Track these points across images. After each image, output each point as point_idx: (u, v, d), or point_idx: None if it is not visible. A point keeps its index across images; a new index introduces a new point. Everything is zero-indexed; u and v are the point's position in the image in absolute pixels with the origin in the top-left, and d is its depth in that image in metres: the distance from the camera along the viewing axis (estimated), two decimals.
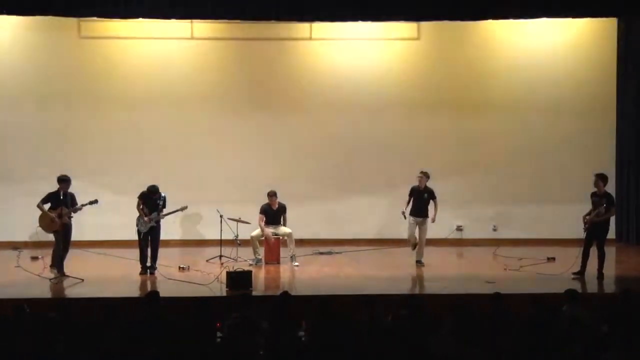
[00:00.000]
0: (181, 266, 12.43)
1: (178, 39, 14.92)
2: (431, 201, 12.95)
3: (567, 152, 15.24)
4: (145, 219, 12.06)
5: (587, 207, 11.90)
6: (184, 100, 14.98)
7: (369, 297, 9.04)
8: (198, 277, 11.60)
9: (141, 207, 12.17)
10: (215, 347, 7.31)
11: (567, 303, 8.94)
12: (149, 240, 12.10)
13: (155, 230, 12.19)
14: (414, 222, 12.95)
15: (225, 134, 15.10)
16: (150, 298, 8.85)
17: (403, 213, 12.91)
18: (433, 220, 12.94)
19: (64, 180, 11.73)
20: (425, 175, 12.94)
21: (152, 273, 12.02)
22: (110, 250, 13.55)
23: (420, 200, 12.94)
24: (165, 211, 12.28)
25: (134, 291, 11.18)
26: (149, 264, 12.13)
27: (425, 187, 12.97)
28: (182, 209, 12.67)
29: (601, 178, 11.87)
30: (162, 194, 12.25)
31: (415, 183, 12.99)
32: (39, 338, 7.46)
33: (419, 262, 12.93)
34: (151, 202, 12.16)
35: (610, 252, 13.03)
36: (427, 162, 14.36)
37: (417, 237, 12.95)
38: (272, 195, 13.20)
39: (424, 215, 12.97)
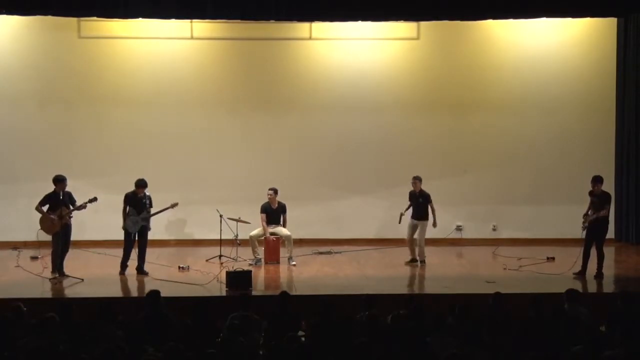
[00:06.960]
0: (181, 266, 12.43)
1: (178, 39, 14.89)
2: (428, 205, 13.02)
3: (567, 152, 15.22)
4: (137, 218, 12.04)
5: (587, 206, 11.98)
6: (184, 100, 14.95)
7: (369, 297, 9.05)
8: (198, 277, 11.60)
9: (127, 209, 12.10)
10: (215, 347, 7.30)
11: (567, 303, 8.95)
12: (135, 241, 12.09)
13: (144, 230, 12.16)
14: (412, 223, 13.06)
15: (225, 134, 15.08)
16: (151, 297, 8.85)
17: (401, 215, 12.99)
18: (434, 225, 13.06)
19: (60, 180, 11.71)
20: (418, 180, 13.02)
21: (145, 274, 11.98)
22: (110, 250, 13.54)
23: (417, 204, 13.04)
24: (154, 210, 12.27)
25: (133, 291, 11.17)
26: (129, 264, 12.11)
27: (421, 191, 13.04)
28: (173, 205, 12.61)
29: (596, 180, 11.97)
30: (147, 193, 12.21)
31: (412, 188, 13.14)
32: (38, 338, 7.45)
33: (422, 262, 12.97)
34: (137, 201, 12.10)
35: (610, 251, 13.07)
36: (427, 161, 14.38)
37: (417, 240, 12.99)
38: (272, 190, 13.18)
39: (422, 218, 13.03)
